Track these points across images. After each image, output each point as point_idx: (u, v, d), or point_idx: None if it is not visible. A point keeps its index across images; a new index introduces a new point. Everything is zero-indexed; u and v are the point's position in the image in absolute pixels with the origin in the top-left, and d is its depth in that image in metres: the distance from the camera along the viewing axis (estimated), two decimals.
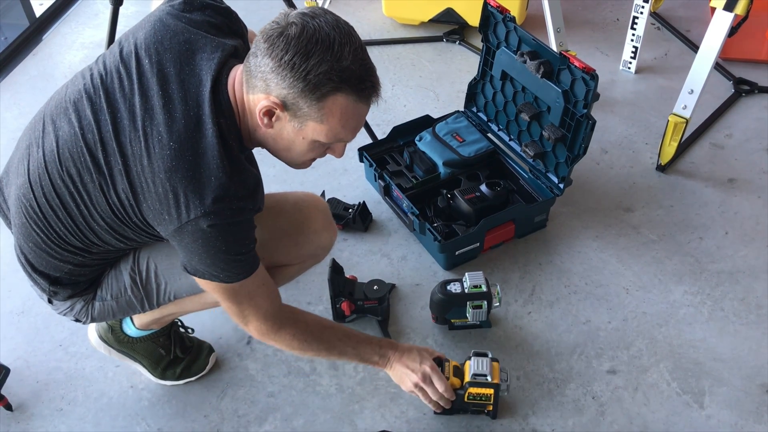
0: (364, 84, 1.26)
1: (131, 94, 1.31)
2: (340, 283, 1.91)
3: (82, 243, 1.41)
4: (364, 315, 1.94)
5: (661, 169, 2.38)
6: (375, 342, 1.63)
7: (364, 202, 2.22)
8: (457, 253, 2.06)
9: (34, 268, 1.47)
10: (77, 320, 1.60)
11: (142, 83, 1.31)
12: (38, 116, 1.43)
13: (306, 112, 1.26)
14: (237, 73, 1.31)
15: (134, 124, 1.29)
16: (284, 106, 1.25)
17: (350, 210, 2.19)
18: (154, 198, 1.28)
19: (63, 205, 1.36)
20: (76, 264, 1.46)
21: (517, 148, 2.26)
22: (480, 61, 2.32)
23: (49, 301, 1.55)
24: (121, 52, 1.36)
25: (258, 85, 1.25)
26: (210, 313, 1.80)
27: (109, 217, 1.35)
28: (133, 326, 1.74)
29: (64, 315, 1.58)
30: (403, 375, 1.62)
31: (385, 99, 2.68)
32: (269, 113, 1.27)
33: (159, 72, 1.30)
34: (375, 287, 1.92)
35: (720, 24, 2.09)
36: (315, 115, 1.26)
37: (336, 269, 1.90)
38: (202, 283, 1.40)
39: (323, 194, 2.23)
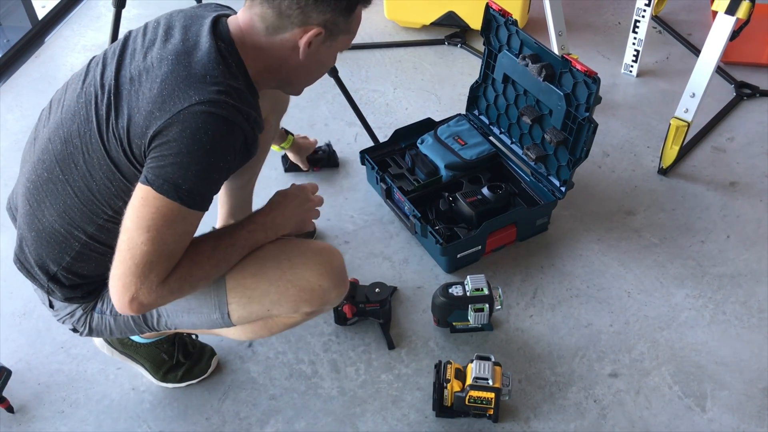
0: None
1: (134, 44, 1.38)
2: None
3: (82, 216, 1.39)
4: (365, 318, 1.94)
5: (663, 172, 2.38)
6: (244, 226, 1.47)
7: (329, 142, 2.43)
8: (458, 256, 2.06)
9: (35, 262, 1.46)
10: (75, 330, 1.57)
11: (146, 35, 1.38)
12: (45, 108, 1.49)
13: (341, 28, 1.36)
14: (239, 19, 1.36)
15: (134, 57, 1.35)
16: (324, 29, 1.33)
17: (320, 151, 2.39)
18: (148, 101, 1.28)
19: (63, 171, 1.37)
20: (75, 254, 1.43)
21: (519, 151, 2.26)
22: (482, 65, 2.32)
23: (50, 305, 1.55)
24: (129, 32, 1.44)
25: (294, 22, 1.31)
26: None
27: (105, 167, 1.33)
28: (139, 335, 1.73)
29: (63, 322, 1.57)
30: (300, 224, 1.55)
31: (386, 102, 2.70)
32: (309, 43, 1.34)
33: (166, 27, 1.38)
34: (377, 290, 1.91)
35: (721, 28, 2.10)
36: (346, 28, 1.37)
37: None
38: (147, 199, 1.25)
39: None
